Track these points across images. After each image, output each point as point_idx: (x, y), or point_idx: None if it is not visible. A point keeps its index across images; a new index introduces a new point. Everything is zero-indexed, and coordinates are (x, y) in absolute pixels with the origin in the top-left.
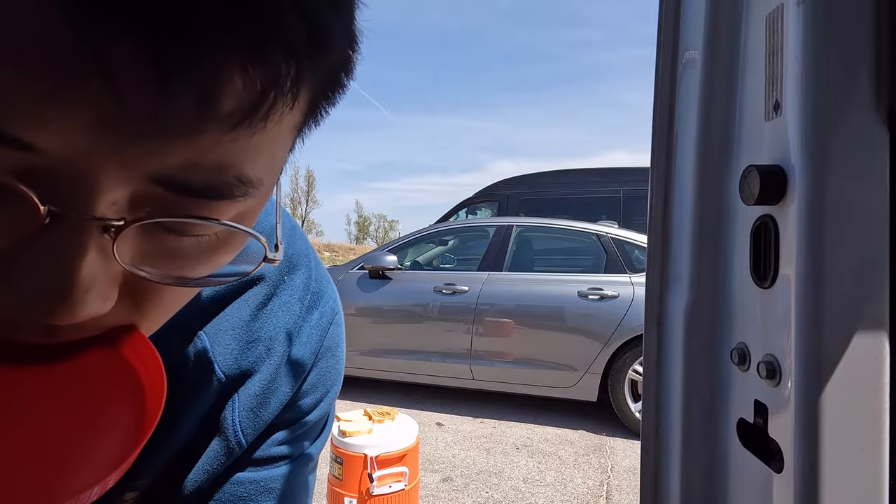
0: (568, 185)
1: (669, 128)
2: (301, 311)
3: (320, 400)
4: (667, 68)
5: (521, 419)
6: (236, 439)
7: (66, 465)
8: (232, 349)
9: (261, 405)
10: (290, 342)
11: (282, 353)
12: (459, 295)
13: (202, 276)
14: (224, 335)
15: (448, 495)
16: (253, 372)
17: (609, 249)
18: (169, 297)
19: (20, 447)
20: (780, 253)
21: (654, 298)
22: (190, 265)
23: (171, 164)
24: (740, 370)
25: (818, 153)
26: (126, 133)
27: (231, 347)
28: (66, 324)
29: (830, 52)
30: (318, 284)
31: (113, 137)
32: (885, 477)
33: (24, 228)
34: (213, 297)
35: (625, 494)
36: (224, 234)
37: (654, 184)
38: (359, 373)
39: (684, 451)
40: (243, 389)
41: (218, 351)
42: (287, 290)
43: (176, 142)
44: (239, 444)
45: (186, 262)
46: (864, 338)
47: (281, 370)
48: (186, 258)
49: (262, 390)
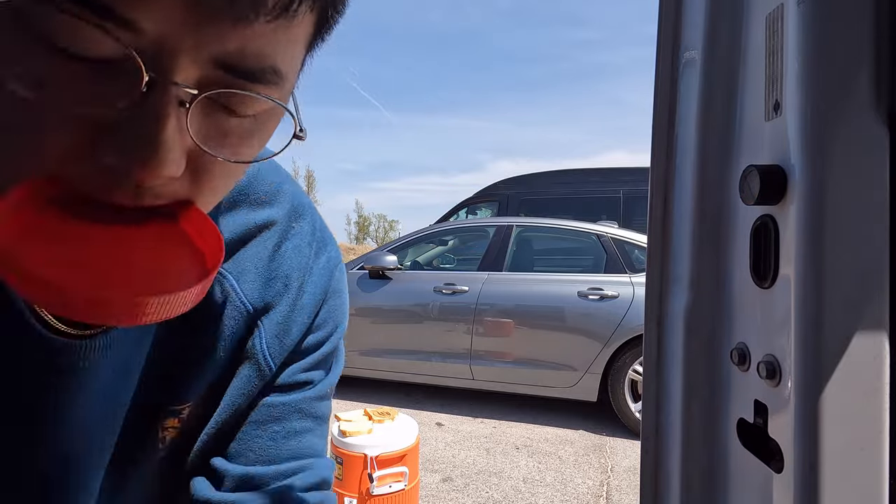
0: (568, 185)
1: (669, 128)
2: (310, 255)
3: (331, 333)
4: (667, 68)
5: (521, 419)
6: (266, 363)
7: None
8: (256, 285)
9: (284, 333)
10: (302, 280)
11: (297, 289)
12: (459, 295)
13: (247, 157)
14: (247, 273)
15: (448, 495)
16: (274, 305)
17: (609, 249)
18: (220, 175)
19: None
20: (780, 253)
21: (654, 298)
22: (238, 144)
23: (228, 49)
24: (740, 370)
25: (818, 153)
26: (206, 16)
27: (255, 284)
28: (151, 183)
29: (830, 52)
30: (322, 233)
31: (196, 19)
32: (885, 477)
33: (127, 97)
34: (231, 240)
35: (625, 494)
36: (262, 117)
37: (654, 184)
38: (359, 373)
39: (684, 451)
40: (267, 319)
41: (245, 287)
42: (297, 235)
43: (234, 27)
44: (269, 367)
45: (236, 139)
46: (864, 338)
47: (298, 303)
48: (235, 136)
49: (283, 320)
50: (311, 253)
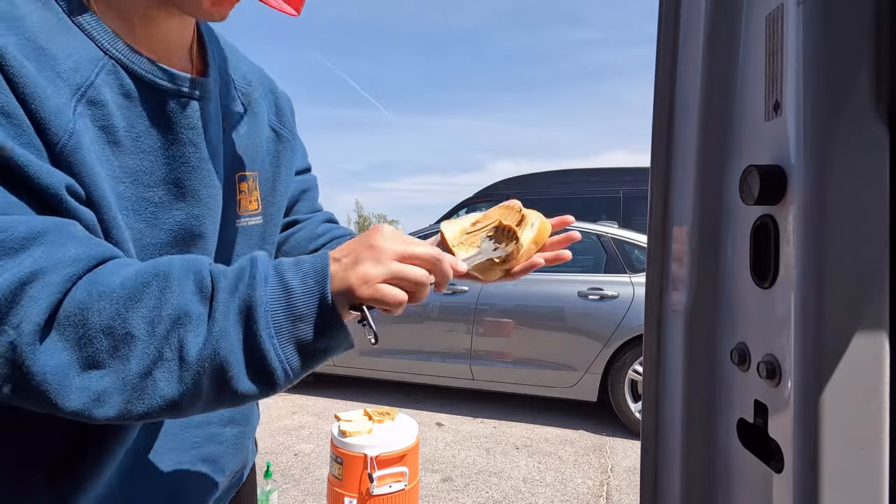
0: (568, 185)
1: (669, 128)
2: (257, 66)
3: (294, 114)
4: (667, 68)
5: (521, 419)
6: (289, 133)
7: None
8: (252, 82)
9: (280, 110)
10: (263, 78)
11: (266, 83)
12: (459, 295)
13: None
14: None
15: (448, 495)
16: (267, 93)
17: (609, 249)
18: None
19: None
20: (780, 253)
21: (654, 298)
22: None
23: None
24: (740, 370)
25: (818, 153)
26: None
27: (251, 82)
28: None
29: (830, 52)
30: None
31: None
32: (885, 477)
33: None
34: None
35: (625, 494)
36: None
37: (654, 184)
38: (359, 373)
39: (684, 451)
40: (263, 100)
41: (253, 84)
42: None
43: None
44: (291, 134)
45: None
46: (864, 338)
47: (278, 91)
48: None
49: (274, 101)
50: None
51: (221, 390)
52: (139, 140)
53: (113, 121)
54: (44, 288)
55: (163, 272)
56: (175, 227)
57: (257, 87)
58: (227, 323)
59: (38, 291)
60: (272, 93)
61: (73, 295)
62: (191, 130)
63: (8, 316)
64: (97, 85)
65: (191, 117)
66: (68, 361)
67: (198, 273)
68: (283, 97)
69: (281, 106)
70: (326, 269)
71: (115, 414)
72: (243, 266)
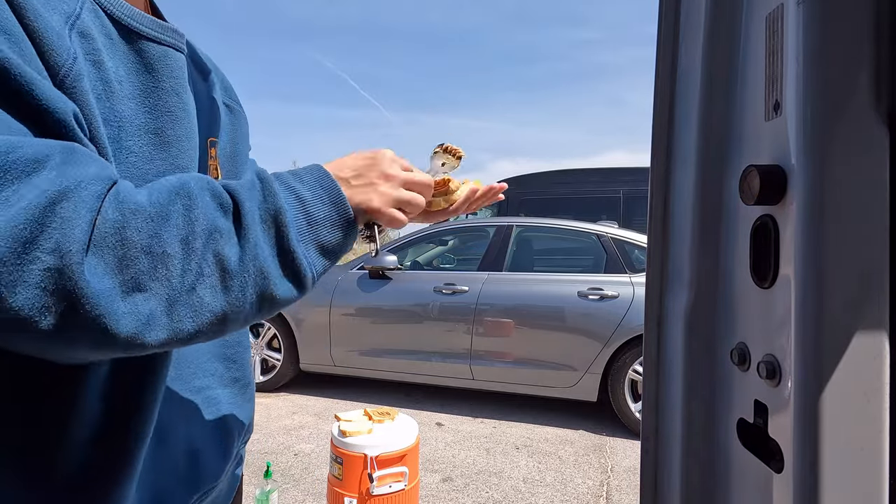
0: (568, 185)
1: (669, 128)
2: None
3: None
4: (667, 68)
5: (521, 419)
6: (238, 106)
7: None
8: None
9: (227, 85)
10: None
11: (211, 59)
12: (459, 295)
13: None
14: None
15: (448, 495)
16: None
17: (609, 249)
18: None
19: None
20: (780, 253)
21: (654, 298)
22: None
23: None
24: (740, 370)
25: (818, 153)
26: None
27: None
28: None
29: (830, 52)
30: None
31: None
32: (885, 477)
33: None
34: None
35: (625, 494)
36: None
37: (654, 184)
38: (359, 373)
39: (684, 451)
40: (214, 73)
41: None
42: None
43: None
44: (240, 107)
45: None
46: (864, 338)
47: (215, 68)
48: None
49: (221, 76)
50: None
51: (263, 297)
52: (121, 84)
53: (102, 57)
54: (77, 207)
55: (183, 189)
56: (157, 178)
57: (207, 60)
58: (257, 232)
59: (70, 212)
60: (217, 68)
61: (104, 214)
62: (173, 80)
63: (39, 242)
64: (84, 18)
65: (173, 66)
66: (112, 286)
67: (213, 188)
68: (223, 74)
69: (227, 81)
70: (329, 177)
71: (165, 337)
72: (253, 181)
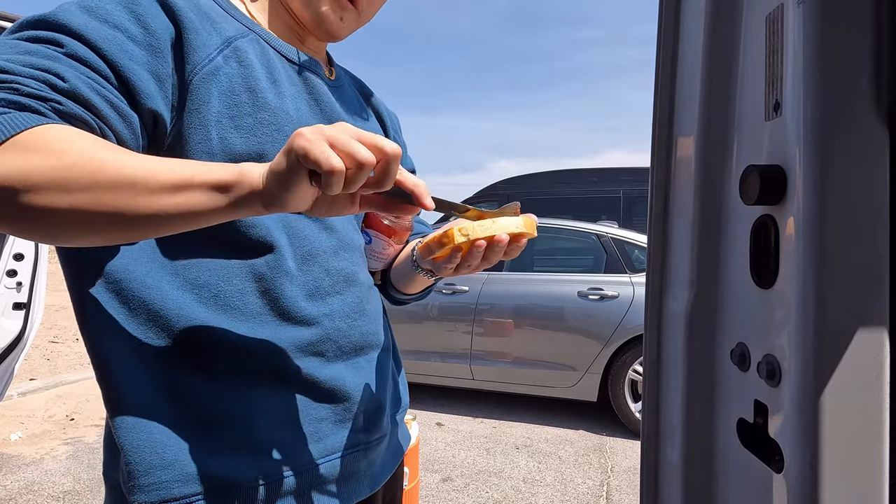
0: (568, 185)
1: (669, 128)
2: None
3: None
4: (667, 68)
5: (521, 419)
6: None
7: None
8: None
9: (397, 129)
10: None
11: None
12: (459, 295)
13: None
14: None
15: (448, 495)
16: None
17: (609, 249)
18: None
19: None
20: (780, 253)
21: (654, 298)
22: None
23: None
24: (740, 370)
25: (818, 153)
26: None
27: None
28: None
29: (830, 52)
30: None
31: None
32: (885, 477)
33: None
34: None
35: (625, 494)
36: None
37: (654, 184)
38: None
39: (684, 451)
40: (388, 117)
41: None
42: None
43: None
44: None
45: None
46: (864, 338)
47: (391, 116)
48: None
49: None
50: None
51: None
52: (278, 84)
53: (255, 69)
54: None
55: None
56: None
57: (386, 112)
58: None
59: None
60: (392, 116)
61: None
62: (325, 98)
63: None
64: (242, 42)
65: (324, 93)
66: None
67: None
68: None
69: (397, 126)
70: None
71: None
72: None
